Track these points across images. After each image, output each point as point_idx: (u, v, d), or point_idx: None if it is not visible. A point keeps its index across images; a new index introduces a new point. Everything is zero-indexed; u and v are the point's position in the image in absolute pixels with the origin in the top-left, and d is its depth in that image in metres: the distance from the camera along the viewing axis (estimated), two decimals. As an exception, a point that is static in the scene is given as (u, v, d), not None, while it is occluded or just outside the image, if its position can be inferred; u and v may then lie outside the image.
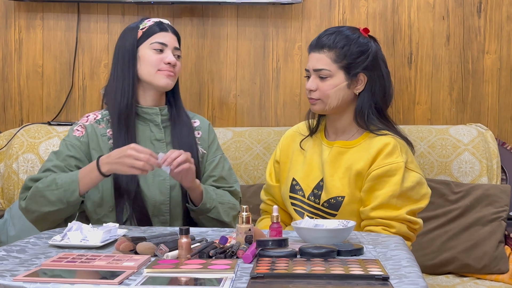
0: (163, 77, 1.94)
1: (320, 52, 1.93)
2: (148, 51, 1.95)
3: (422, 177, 1.91)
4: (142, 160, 1.75)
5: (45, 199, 1.83)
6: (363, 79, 1.93)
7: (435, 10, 2.70)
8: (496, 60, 2.70)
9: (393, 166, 1.86)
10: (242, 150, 2.55)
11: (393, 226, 1.86)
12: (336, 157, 1.94)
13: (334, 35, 1.93)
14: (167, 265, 1.37)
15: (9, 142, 2.59)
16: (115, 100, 1.94)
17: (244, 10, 2.73)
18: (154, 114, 1.97)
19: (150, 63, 1.94)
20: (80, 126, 1.96)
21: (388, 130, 1.94)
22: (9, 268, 1.37)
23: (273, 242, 1.48)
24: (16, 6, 2.75)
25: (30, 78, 2.77)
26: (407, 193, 1.87)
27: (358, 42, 1.93)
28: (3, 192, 2.57)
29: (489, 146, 2.54)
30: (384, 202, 1.86)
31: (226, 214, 1.95)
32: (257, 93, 2.75)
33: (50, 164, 1.91)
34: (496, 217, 2.39)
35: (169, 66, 1.95)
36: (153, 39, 1.96)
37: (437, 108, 2.73)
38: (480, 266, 2.35)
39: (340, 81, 1.92)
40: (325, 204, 1.93)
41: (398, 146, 1.90)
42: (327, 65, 1.92)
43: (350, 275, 1.29)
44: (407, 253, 1.52)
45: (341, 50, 1.91)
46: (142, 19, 2.02)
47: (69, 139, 1.95)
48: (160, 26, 1.98)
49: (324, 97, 1.92)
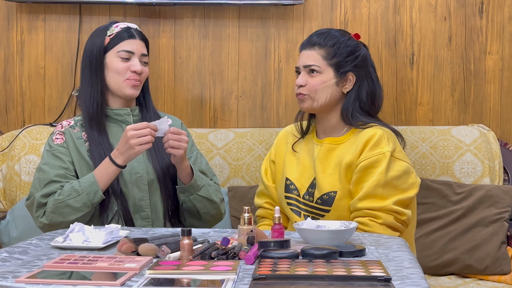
0: (129, 87, 1.99)
1: (311, 49, 1.98)
2: (115, 59, 1.99)
3: (410, 166, 1.92)
4: (145, 134, 1.82)
5: (70, 208, 1.87)
6: (351, 78, 1.98)
7: (436, 11, 2.70)
8: (498, 60, 2.70)
9: (379, 157, 1.88)
10: (244, 151, 2.55)
11: (379, 216, 1.86)
12: (326, 154, 1.97)
13: (325, 35, 1.99)
14: (169, 267, 1.37)
15: (11, 144, 2.59)
16: (85, 105, 2.00)
17: (246, 11, 2.73)
18: (126, 114, 2.02)
19: (117, 71, 1.98)
20: (58, 134, 2.01)
21: (375, 123, 1.97)
22: (11, 269, 1.37)
23: (275, 243, 1.48)
24: (18, 8, 2.75)
25: (32, 80, 2.77)
26: (392, 182, 1.88)
27: (348, 43, 1.98)
28: (5, 194, 2.57)
29: (491, 147, 2.53)
30: (370, 192, 1.87)
31: (214, 194, 2.01)
32: (259, 94, 2.75)
33: (51, 176, 1.93)
34: (499, 218, 2.39)
35: (135, 74, 1.98)
36: (120, 47, 1.99)
37: (439, 109, 2.72)
38: (482, 267, 2.35)
39: (329, 77, 1.96)
40: (318, 201, 1.95)
41: (385, 136, 1.92)
42: (317, 61, 1.96)
43: (352, 276, 1.29)
44: (409, 254, 1.51)
45: (331, 49, 1.96)
46: (111, 23, 2.04)
47: (54, 148, 1.98)
48: (128, 33, 2.00)
49: (312, 93, 1.96)
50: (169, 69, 2.75)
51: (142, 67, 2.00)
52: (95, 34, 2.04)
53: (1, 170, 2.58)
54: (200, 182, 1.96)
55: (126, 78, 1.98)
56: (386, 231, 1.85)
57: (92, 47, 2.01)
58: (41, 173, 1.96)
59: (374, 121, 1.98)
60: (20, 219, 2.47)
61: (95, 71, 1.99)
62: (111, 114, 2.02)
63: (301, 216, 1.97)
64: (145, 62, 2.03)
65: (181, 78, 2.76)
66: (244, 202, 2.40)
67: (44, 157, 1.99)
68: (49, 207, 1.90)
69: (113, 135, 2.00)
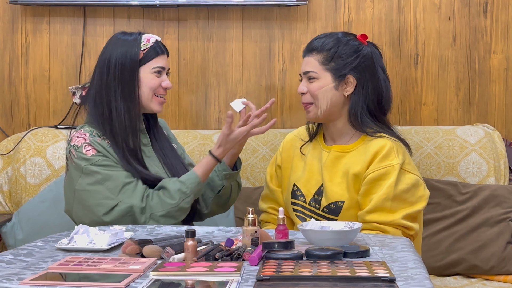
0: (157, 104, 1.99)
1: (309, 55, 1.97)
2: (149, 75, 1.96)
3: (419, 179, 1.90)
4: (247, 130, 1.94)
5: (181, 210, 1.91)
6: (352, 81, 1.94)
7: (441, 11, 2.69)
8: (503, 60, 2.69)
9: (388, 169, 1.86)
10: (248, 152, 2.55)
11: (387, 231, 1.85)
12: (333, 161, 1.95)
13: (324, 38, 1.97)
14: (173, 268, 1.37)
15: (16, 146, 2.60)
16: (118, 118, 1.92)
17: (250, 12, 2.73)
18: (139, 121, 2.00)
19: (150, 87, 1.96)
20: (87, 146, 1.91)
21: (384, 133, 1.93)
22: (16, 271, 1.38)
23: (279, 244, 1.48)
24: (22, 11, 2.76)
25: (37, 82, 2.78)
26: (401, 195, 1.86)
27: (348, 44, 1.95)
28: (10, 196, 2.58)
29: (496, 147, 2.53)
30: (378, 205, 1.85)
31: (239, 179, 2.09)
32: (263, 95, 2.75)
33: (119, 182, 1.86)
34: (504, 217, 2.38)
35: (164, 90, 1.99)
36: (155, 63, 1.97)
37: (444, 109, 2.72)
38: (488, 267, 2.34)
39: (326, 82, 1.94)
40: (325, 209, 1.93)
41: (394, 147, 1.89)
42: (314, 67, 1.95)
43: (356, 277, 1.29)
44: (414, 254, 1.51)
45: (328, 52, 1.94)
46: (139, 34, 1.99)
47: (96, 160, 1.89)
48: (159, 48, 1.99)
49: (314, 99, 1.95)
50: (173, 71, 2.76)
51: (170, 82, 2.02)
52: (125, 44, 1.96)
53: (7, 172, 2.59)
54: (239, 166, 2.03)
55: (156, 93, 1.98)
56: None
57: (125, 60, 1.93)
58: (105, 184, 1.86)
59: (384, 129, 1.95)
60: (26, 221, 2.48)
61: (131, 84, 1.93)
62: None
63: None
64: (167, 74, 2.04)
65: (185, 80, 2.76)
66: (248, 203, 2.40)
67: (92, 171, 1.87)
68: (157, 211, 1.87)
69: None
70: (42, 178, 2.53)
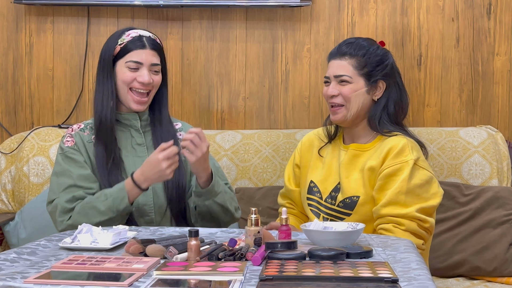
0: (133, 102, 1.98)
1: (341, 59, 2.00)
2: (123, 69, 1.98)
3: (432, 176, 1.94)
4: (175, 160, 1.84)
5: (95, 210, 1.88)
6: (382, 86, 2.01)
7: (444, 12, 2.69)
8: (506, 61, 2.69)
9: (402, 165, 1.90)
10: (251, 153, 2.56)
11: (402, 223, 1.87)
12: (351, 159, 2.00)
13: (354, 45, 2.01)
14: (176, 267, 1.38)
15: (19, 145, 2.61)
16: (96, 109, 1.99)
17: (253, 13, 2.73)
18: (134, 119, 2.02)
19: (123, 80, 1.98)
20: (68, 137, 2.01)
21: (400, 132, 1.99)
22: (20, 270, 1.38)
23: (282, 245, 1.48)
24: (26, 10, 2.77)
25: (40, 82, 2.79)
26: (415, 190, 1.89)
27: (377, 52, 2.02)
28: (13, 195, 2.58)
29: (499, 148, 2.52)
30: (393, 199, 1.88)
31: (229, 202, 1.97)
32: (266, 95, 2.75)
33: (70, 180, 1.92)
34: (507, 219, 2.38)
35: (142, 84, 1.97)
36: (129, 57, 1.98)
37: (447, 110, 2.72)
38: (490, 268, 2.34)
39: (360, 86, 1.99)
40: (340, 204, 1.97)
41: (409, 144, 1.94)
42: (348, 71, 1.99)
43: (359, 278, 1.29)
44: (416, 256, 1.51)
45: (362, 58, 1.99)
46: (126, 29, 2.03)
47: (66, 150, 1.98)
48: (138, 42, 1.98)
49: (346, 101, 1.98)
50: (176, 71, 2.76)
51: (152, 76, 1.99)
52: (109, 39, 2.03)
53: (10, 171, 2.59)
54: (217, 188, 1.93)
55: (132, 88, 1.97)
56: (410, 238, 1.86)
57: (105, 54, 2.01)
58: (59, 178, 1.96)
59: (400, 130, 2.01)
60: (29, 220, 2.48)
61: (106, 77, 1.99)
62: (120, 118, 2.02)
63: (320, 217, 2.00)
64: (156, 71, 2.01)
65: (189, 80, 2.77)
66: (251, 204, 2.41)
67: (59, 161, 1.99)
68: (78, 207, 1.90)
69: (120, 139, 2.01)
70: (45, 177, 2.54)
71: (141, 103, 1.99)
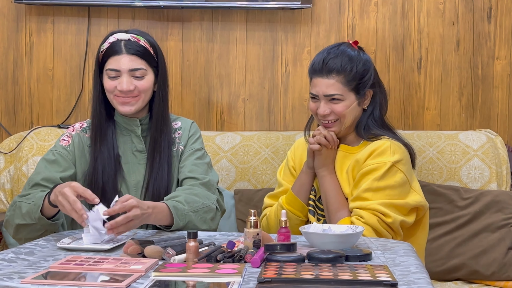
0: (119, 105, 1.92)
1: (328, 77, 1.96)
2: (105, 77, 1.94)
3: (407, 181, 1.93)
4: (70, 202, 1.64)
5: (19, 210, 1.80)
6: (369, 94, 2.02)
7: (444, 16, 2.69)
8: (506, 65, 2.69)
9: (379, 165, 1.91)
10: (250, 155, 2.56)
11: (362, 216, 1.87)
12: (340, 159, 2.01)
13: (339, 58, 1.96)
14: (174, 269, 1.37)
15: (19, 145, 2.60)
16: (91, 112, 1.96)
17: (254, 15, 2.73)
18: (135, 125, 1.96)
19: (106, 89, 1.93)
20: (66, 136, 1.97)
21: (386, 136, 2.00)
22: (17, 270, 1.38)
23: (281, 247, 1.48)
24: (27, 10, 2.76)
25: (40, 82, 2.78)
26: (385, 189, 1.90)
27: (360, 60, 1.98)
28: (13, 195, 2.58)
29: (498, 152, 2.52)
30: (360, 194, 1.90)
31: (202, 221, 1.82)
32: (266, 97, 2.75)
33: (38, 178, 1.87)
34: (505, 223, 2.38)
35: (122, 92, 1.90)
36: (108, 65, 1.92)
37: (447, 114, 2.72)
38: (489, 272, 2.34)
39: (352, 101, 1.98)
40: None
41: (391, 147, 1.94)
42: (338, 89, 1.96)
43: (358, 281, 1.29)
44: (416, 259, 1.51)
45: (349, 74, 1.96)
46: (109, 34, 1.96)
47: (57, 149, 1.94)
48: (115, 48, 1.91)
49: (340, 117, 1.98)
50: (176, 72, 2.76)
51: (135, 82, 1.90)
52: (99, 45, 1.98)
53: (9, 171, 2.59)
54: (183, 221, 1.77)
55: (115, 95, 1.91)
56: (369, 233, 1.85)
57: (95, 60, 1.97)
58: (34, 173, 1.90)
59: (387, 133, 2.01)
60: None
61: (96, 83, 1.96)
62: (121, 122, 1.97)
63: (315, 216, 2.01)
64: (138, 76, 1.90)
65: (189, 81, 2.76)
66: (250, 205, 2.40)
67: (44, 157, 1.94)
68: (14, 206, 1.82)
69: (121, 144, 1.96)
70: (44, 177, 2.53)
71: (126, 104, 1.91)
